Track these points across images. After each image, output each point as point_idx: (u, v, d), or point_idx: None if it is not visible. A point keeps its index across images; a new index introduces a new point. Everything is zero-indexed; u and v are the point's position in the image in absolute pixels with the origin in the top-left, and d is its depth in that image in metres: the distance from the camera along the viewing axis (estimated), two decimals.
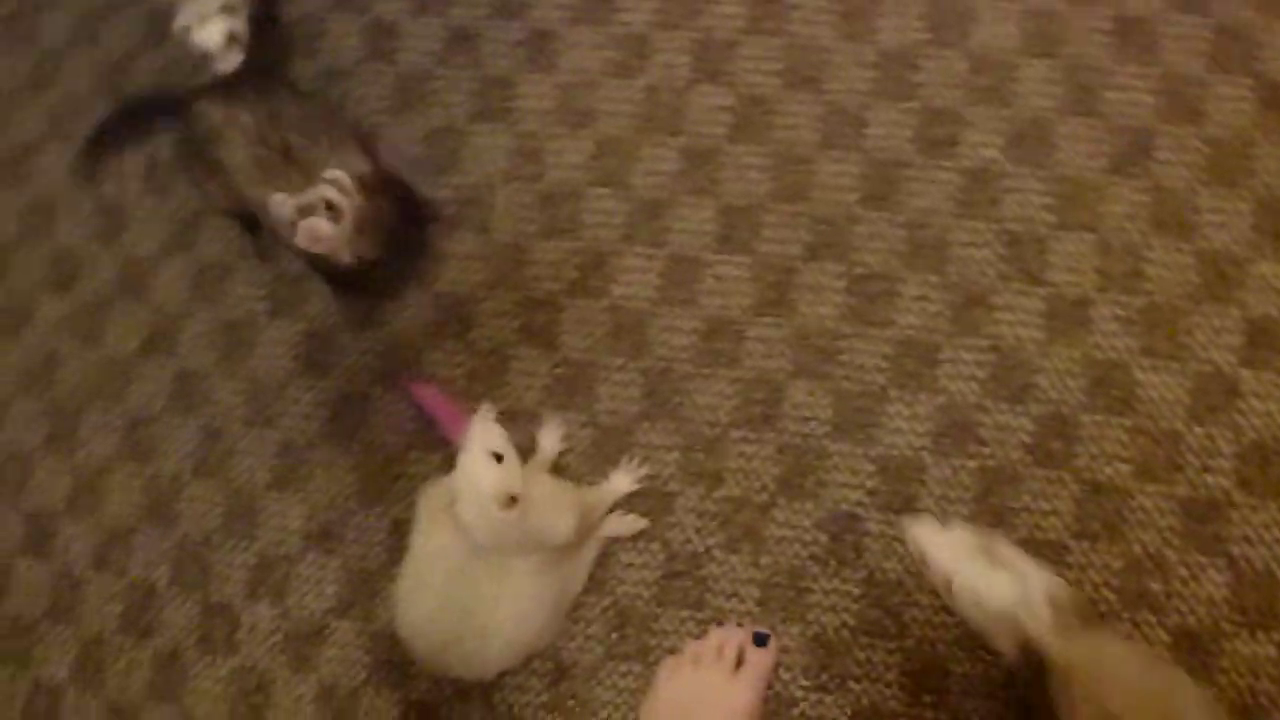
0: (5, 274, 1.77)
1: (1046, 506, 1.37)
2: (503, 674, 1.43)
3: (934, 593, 1.36)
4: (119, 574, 1.60)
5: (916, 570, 1.37)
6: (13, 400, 1.70)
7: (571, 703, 1.42)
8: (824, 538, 1.41)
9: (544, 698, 1.43)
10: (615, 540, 1.45)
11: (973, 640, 1.34)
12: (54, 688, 1.58)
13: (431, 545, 1.33)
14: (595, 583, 1.44)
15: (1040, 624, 1.07)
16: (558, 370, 1.53)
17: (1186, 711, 1.04)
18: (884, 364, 1.45)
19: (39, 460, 1.67)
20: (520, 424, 1.50)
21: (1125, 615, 1.33)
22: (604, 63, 1.63)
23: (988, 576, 1.12)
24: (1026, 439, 1.40)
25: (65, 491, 1.64)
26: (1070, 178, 1.47)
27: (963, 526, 1.19)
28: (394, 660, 1.47)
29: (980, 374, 1.42)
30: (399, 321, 1.60)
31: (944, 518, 1.39)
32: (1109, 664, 1.06)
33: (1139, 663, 1.13)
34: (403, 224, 1.52)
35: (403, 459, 1.54)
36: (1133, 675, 1.06)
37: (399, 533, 1.51)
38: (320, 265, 1.51)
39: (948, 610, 1.36)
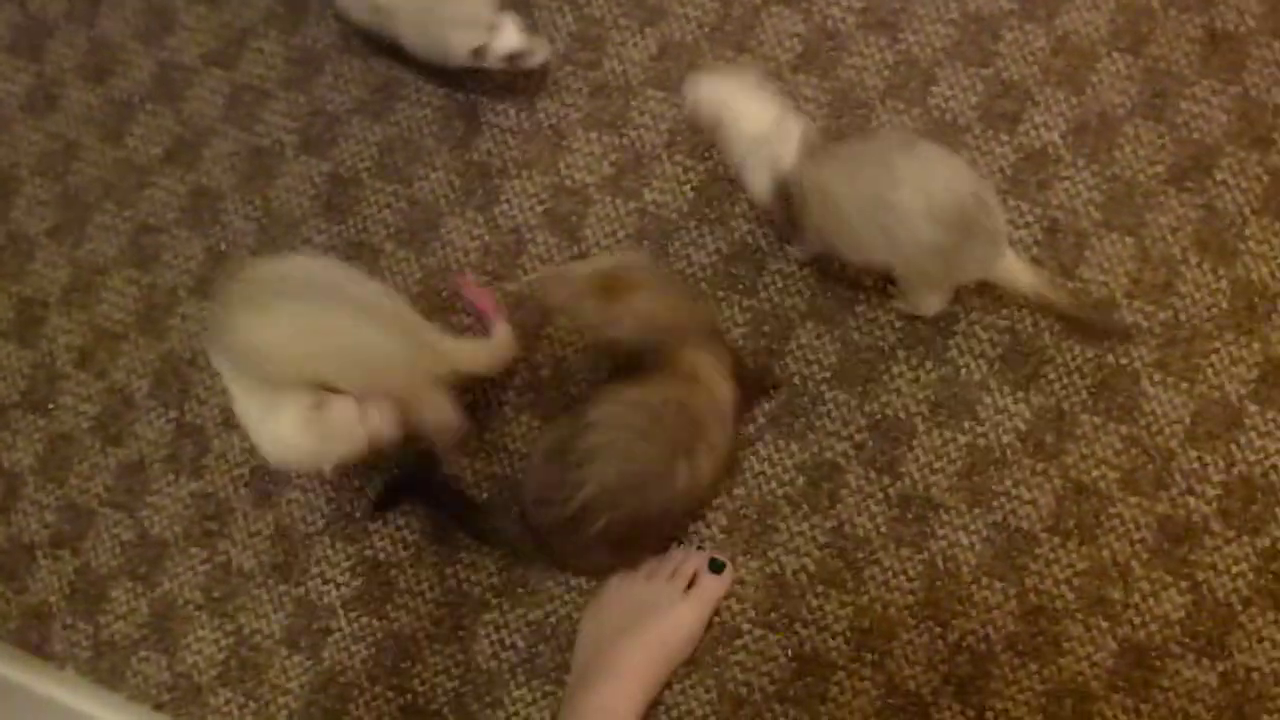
0: (40, 57, 1.83)
1: (1026, 496, 1.46)
2: (458, 550, 1.53)
3: (898, 556, 1.45)
4: (99, 376, 1.68)
5: (885, 530, 1.46)
6: (25, 183, 1.78)
7: (521, 590, 1.51)
8: (801, 480, 1.50)
9: (495, 580, 1.52)
10: None
11: (926, 613, 1.43)
12: (15, 474, 1.67)
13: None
14: None
15: (789, 145, 1.39)
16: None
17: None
18: (897, 324, 1.52)
19: (40, 246, 1.75)
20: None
21: (1079, 617, 1.42)
22: None
23: (755, 103, 1.42)
24: (1022, 426, 1.47)
25: (62, 283, 1.72)
26: (1124, 178, 1.53)
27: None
28: (354, 515, 1.57)
29: (991, 353, 1.49)
30: (425, 182, 1.66)
31: (925, 484, 1.47)
32: (836, 165, 1.38)
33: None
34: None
35: None
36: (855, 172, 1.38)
37: None
38: None
39: (908, 576, 1.45)
